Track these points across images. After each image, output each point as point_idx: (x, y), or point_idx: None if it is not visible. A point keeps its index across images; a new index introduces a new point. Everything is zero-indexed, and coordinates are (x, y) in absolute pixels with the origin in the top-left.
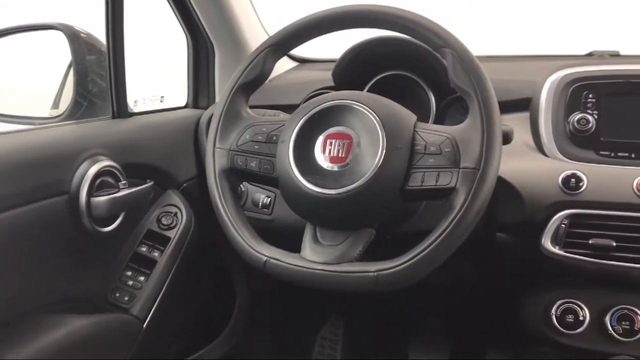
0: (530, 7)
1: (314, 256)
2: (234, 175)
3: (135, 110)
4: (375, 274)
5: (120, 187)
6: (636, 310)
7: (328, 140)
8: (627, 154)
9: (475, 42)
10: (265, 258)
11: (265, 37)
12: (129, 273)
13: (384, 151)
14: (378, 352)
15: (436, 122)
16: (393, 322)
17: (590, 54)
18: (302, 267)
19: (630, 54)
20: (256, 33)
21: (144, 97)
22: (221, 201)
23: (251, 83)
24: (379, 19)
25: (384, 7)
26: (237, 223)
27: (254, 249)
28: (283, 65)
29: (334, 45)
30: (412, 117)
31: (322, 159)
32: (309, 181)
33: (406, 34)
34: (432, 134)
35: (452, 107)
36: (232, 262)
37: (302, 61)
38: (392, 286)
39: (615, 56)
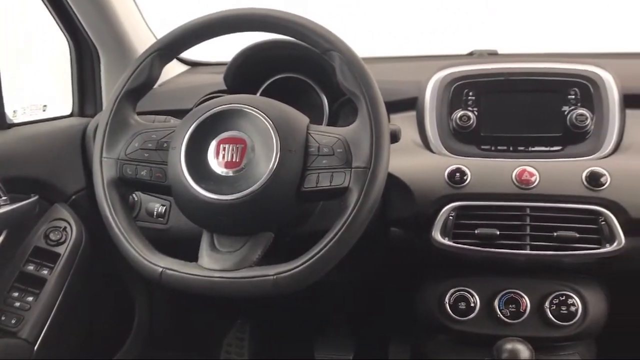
0: (414, 9)
1: (211, 264)
2: (124, 185)
3: (16, 121)
4: (275, 277)
5: (1, 203)
6: (521, 293)
7: (221, 145)
8: (506, 147)
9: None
10: (160, 269)
11: (154, 41)
12: (16, 294)
13: (279, 154)
14: (284, 354)
15: (330, 123)
16: (299, 322)
17: (471, 54)
18: (199, 275)
19: (508, 52)
20: (143, 37)
21: (24, 106)
22: (111, 213)
23: (138, 89)
24: (269, 23)
25: (273, 11)
26: (129, 234)
27: (147, 261)
28: (173, 69)
29: (227, 48)
30: (305, 119)
31: (215, 164)
32: (203, 188)
33: (296, 38)
34: (325, 135)
35: (344, 108)
36: (129, 276)
37: (194, 64)
38: (292, 288)
39: (493, 55)
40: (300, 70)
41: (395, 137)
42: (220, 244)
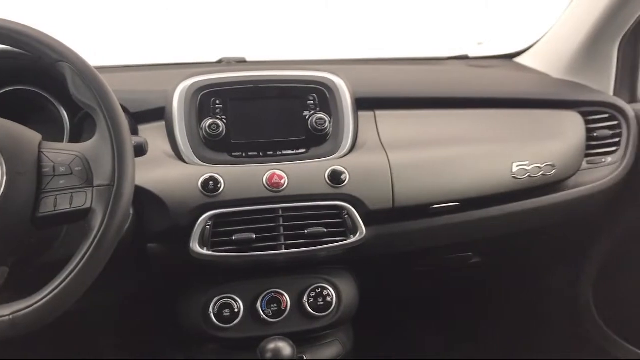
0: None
1: None
2: None
3: None
4: (11, 316)
5: None
6: (281, 291)
7: None
8: (256, 153)
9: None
10: None
11: None
12: None
13: (5, 178)
14: None
15: (72, 139)
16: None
17: (220, 61)
18: None
19: (256, 60)
20: None
21: None
22: None
23: None
24: None
25: None
26: None
27: None
28: None
29: None
30: (36, 137)
31: None
32: None
33: (19, 48)
34: (61, 153)
35: (87, 122)
36: None
37: None
38: (34, 326)
39: (242, 63)
40: (31, 82)
41: (141, 150)
42: None
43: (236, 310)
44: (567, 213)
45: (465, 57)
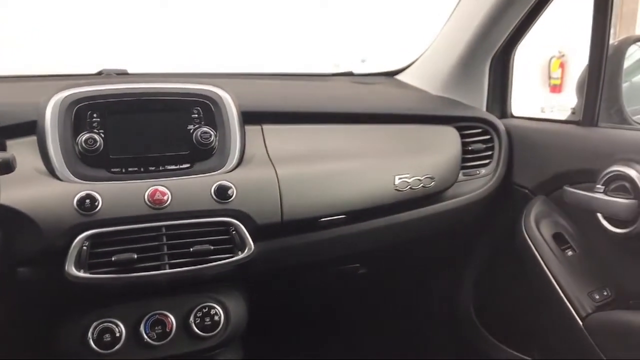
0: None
1: None
2: None
3: None
4: None
5: None
6: (166, 313)
7: None
8: (137, 169)
9: None
10: None
11: None
12: None
13: None
14: None
15: None
16: None
17: (100, 73)
18: None
19: (138, 72)
20: None
21: None
22: None
23: None
24: None
25: None
26: None
27: None
28: None
29: None
30: None
31: None
32: None
33: None
34: None
35: None
36: None
37: None
38: None
39: (123, 75)
40: None
41: (9, 167)
42: None
43: (117, 334)
44: (446, 222)
45: (349, 74)
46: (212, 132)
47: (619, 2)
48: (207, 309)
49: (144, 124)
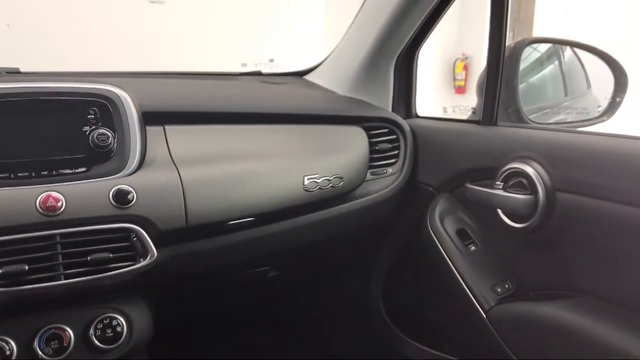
0: None
1: None
2: None
3: None
4: None
5: None
6: (63, 326)
7: None
8: (28, 174)
9: None
10: None
11: None
12: None
13: None
14: None
15: None
16: None
17: None
18: None
19: (31, 71)
20: None
21: None
22: None
23: None
24: None
25: None
26: None
27: None
28: None
29: None
30: None
31: None
32: None
33: None
34: None
35: None
36: None
37: None
38: None
39: (14, 74)
40: None
41: None
42: None
43: (8, 352)
44: (355, 221)
45: (258, 74)
46: (109, 134)
47: (517, 8)
48: (108, 320)
49: (36, 126)
